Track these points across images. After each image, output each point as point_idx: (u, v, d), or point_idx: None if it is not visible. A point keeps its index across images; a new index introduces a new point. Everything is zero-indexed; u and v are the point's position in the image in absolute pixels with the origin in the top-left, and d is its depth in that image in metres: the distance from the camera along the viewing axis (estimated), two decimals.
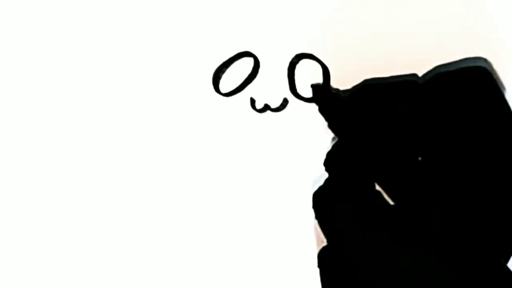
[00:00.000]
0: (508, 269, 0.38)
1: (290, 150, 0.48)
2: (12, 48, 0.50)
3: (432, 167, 0.41)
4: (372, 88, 0.42)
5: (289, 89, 0.49)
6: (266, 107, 0.49)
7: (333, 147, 0.43)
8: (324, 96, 0.43)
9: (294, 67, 0.49)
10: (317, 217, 0.42)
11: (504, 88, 0.41)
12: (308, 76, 0.48)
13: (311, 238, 0.47)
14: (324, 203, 0.42)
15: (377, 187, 0.42)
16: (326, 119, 0.43)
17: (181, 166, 0.49)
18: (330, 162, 0.43)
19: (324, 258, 0.43)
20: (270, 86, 0.49)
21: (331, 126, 0.43)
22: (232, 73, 0.49)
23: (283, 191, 0.48)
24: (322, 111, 0.44)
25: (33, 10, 0.50)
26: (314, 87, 0.45)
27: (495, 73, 0.41)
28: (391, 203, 0.41)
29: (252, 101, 0.49)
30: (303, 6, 0.50)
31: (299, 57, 0.49)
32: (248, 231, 0.48)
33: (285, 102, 0.49)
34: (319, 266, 0.43)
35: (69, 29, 0.50)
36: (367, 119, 0.41)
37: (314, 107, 0.48)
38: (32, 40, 0.50)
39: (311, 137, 0.47)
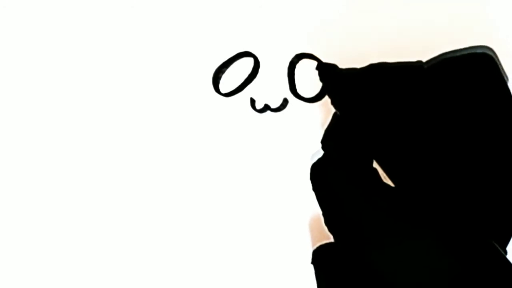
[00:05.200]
0: (501, 253, 0.39)
1: (290, 150, 0.48)
2: (12, 48, 0.50)
3: (433, 150, 0.41)
4: (378, 69, 0.42)
5: (289, 89, 0.49)
6: (266, 107, 0.49)
7: (332, 123, 0.43)
8: (330, 74, 0.43)
9: (294, 67, 0.49)
10: (314, 189, 0.42)
11: (506, 77, 0.42)
12: (308, 76, 0.48)
13: (307, 237, 0.47)
14: (321, 176, 0.42)
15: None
16: (330, 97, 0.44)
17: (181, 166, 0.49)
18: (329, 138, 0.43)
19: (319, 255, 0.43)
20: (270, 86, 0.49)
21: (334, 103, 0.43)
22: (232, 73, 0.49)
23: (282, 191, 0.48)
24: (327, 89, 0.44)
25: (33, 10, 0.50)
26: (320, 65, 0.45)
27: (499, 60, 0.42)
28: (388, 182, 0.41)
29: (252, 101, 0.49)
30: (303, 6, 0.50)
31: (299, 57, 0.49)
32: (245, 230, 0.48)
33: (285, 102, 0.49)
34: (313, 262, 0.43)
35: (68, 28, 0.50)
36: (371, 98, 0.42)
37: (314, 107, 0.48)
38: (32, 40, 0.50)
39: (310, 137, 0.47)
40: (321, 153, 0.43)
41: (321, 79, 0.44)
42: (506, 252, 0.41)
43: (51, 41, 0.50)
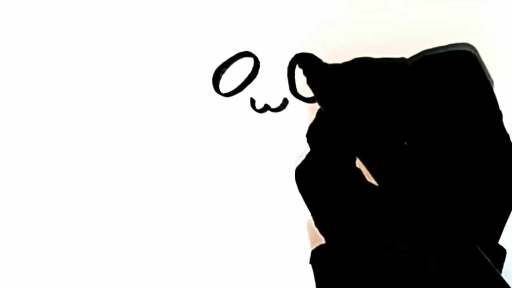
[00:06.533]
0: (482, 256, 0.39)
1: (290, 150, 0.48)
2: (12, 48, 0.50)
3: (416, 148, 0.41)
4: (361, 64, 0.42)
5: (289, 89, 0.49)
6: (266, 107, 0.49)
7: (317, 119, 0.43)
8: (314, 67, 0.43)
9: (294, 67, 0.49)
10: (300, 192, 0.42)
11: (489, 74, 0.42)
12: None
13: (305, 237, 0.47)
14: (306, 178, 0.42)
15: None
16: (314, 91, 0.44)
17: (181, 166, 0.49)
18: (313, 134, 0.43)
19: (318, 255, 0.43)
20: (270, 86, 0.49)
21: (317, 98, 0.43)
22: (232, 73, 0.49)
23: (282, 191, 0.48)
24: (310, 82, 0.44)
25: (33, 10, 0.50)
26: (302, 58, 0.45)
27: (480, 58, 0.42)
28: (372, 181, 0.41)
29: (252, 101, 0.49)
30: (303, 6, 0.50)
31: (299, 57, 0.49)
32: (244, 231, 0.48)
33: (285, 102, 0.49)
34: (311, 262, 0.43)
35: (68, 28, 0.50)
36: (354, 93, 0.42)
37: (314, 107, 0.48)
38: (32, 40, 0.50)
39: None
40: (304, 156, 0.43)
41: (304, 73, 0.44)
42: (505, 251, 0.41)
43: (51, 41, 0.50)
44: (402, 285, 0.38)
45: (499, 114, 0.41)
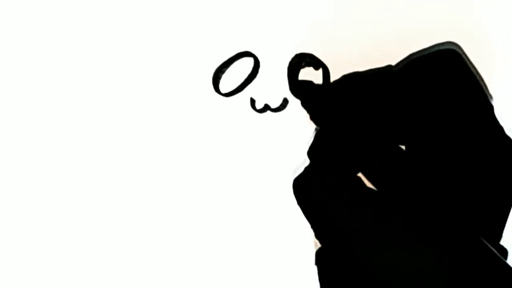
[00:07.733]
0: (489, 248, 0.39)
1: (290, 151, 0.48)
2: (12, 48, 0.50)
3: (412, 150, 0.41)
4: (350, 79, 0.42)
5: (289, 89, 0.49)
6: (266, 107, 0.49)
7: (316, 137, 0.43)
8: (305, 90, 0.43)
9: (294, 67, 0.49)
10: (299, 204, 0.42)
11: (477, 72, 0.42)
12: (307, 76, 0.48)
13: (310, 238, 0.47)
14: (304, 190, 0.42)
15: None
16: (308, 111, 0.44)
17: (180, 167, 0.49)
18: (313, 152, 0.43)
19: (321, 256, 0.43)
20: (270, 86, 0.49)
21: (313, 117, 0.43)
22: (232, 73, 0.49)
23: (284, 192, 0.48)
24: (304, 105, 0.44)
25: (33, 10, 0.50)
26: (294, 83, 0.45)
27: (465, 54, 0.42)
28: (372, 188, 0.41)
29: (252, 101, 0.49)
30: (303, 6, 0.50)
31: (299, 57, 0.49)
32: (247, 231, 0.48)
33: (285, 102, 0.49)
34: (316, 263, 0.43)
35: (68, 28, 0.50)
36: (348, 108, 0.42)
37: None
38: (32, 40, 0.50)
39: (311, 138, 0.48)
40: (302, 168, 0.43)
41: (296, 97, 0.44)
42: (506, 251, 0.41)
43: (51, 41, 0.50)
44: (404, 285, 0.38)
45: (490, 107, 0.41)
